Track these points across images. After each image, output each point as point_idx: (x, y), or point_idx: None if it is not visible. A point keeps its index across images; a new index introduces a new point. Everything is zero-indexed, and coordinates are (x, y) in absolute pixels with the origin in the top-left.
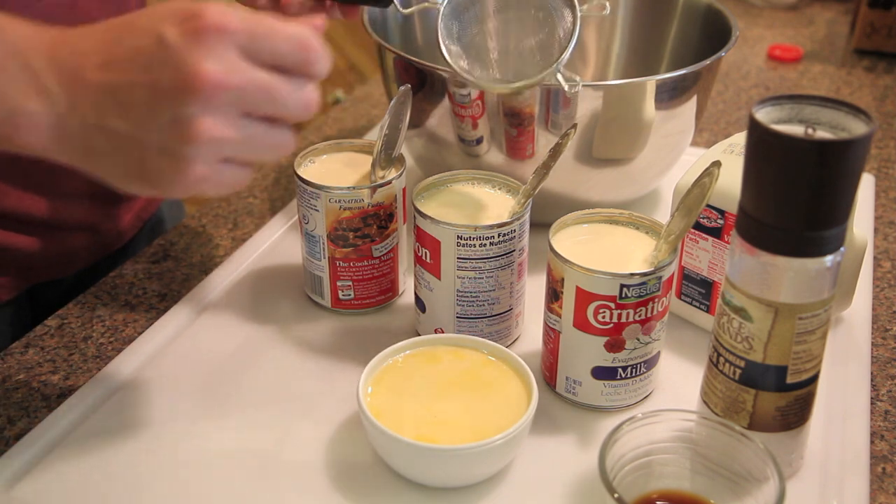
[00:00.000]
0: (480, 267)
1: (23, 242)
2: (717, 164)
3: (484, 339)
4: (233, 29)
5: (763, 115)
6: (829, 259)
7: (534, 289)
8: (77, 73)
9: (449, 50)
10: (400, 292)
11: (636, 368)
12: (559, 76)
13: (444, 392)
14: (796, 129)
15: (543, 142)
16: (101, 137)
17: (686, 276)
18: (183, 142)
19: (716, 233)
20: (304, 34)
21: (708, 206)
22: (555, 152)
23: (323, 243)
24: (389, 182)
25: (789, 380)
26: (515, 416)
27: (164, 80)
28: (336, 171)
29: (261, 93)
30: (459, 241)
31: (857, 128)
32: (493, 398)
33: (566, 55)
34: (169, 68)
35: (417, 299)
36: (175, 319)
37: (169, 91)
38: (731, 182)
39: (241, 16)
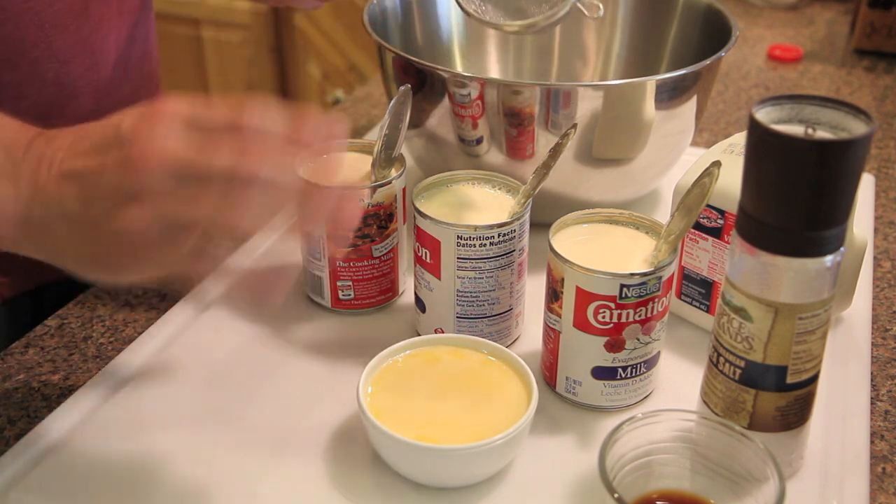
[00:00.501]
0: (480, 267)
1: None
2: (717, 164)
3: (484, 339)
4: (176, 110)
5: (763, 115)
6: (829, 259)
7: (534, 289)
8: (46, 161)
9: None
10: (400, 292)
11: (636, 368)
12: (579, 4)
13: (444, 392)
14: (796, 129)
15: (543, 142)
16: (62, 224)
17: (686, 276)
18: (123, 212)
19: (716, 233)
20: (244, 111)
21: (708, 206)
22: (555, 152)
23: (323, 243)
24: (389, 182)
25: (789, 380)
26: (515, 416)
27: (112, 157)
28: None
29: (190, 151)
30: (459, 241)
31: (857, 128)
32: (493, 398)
33: None
34: (117, 148)
35: (417, 299)
36: (175, 319)
37: (115, 165)
38: (731, 182)
39: (190, 102)
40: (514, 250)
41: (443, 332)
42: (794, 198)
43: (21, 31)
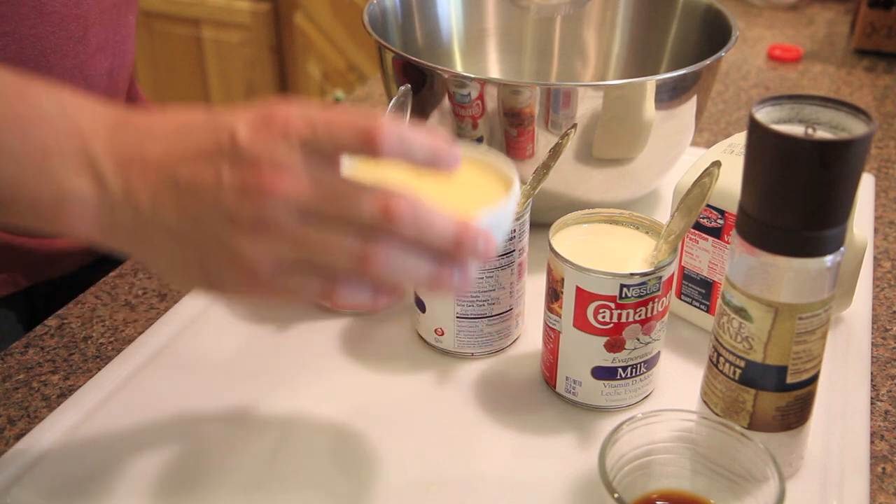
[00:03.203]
0: (480, 267)
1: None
2: (717, 164)
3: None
4: (296, 126)
5: (763, 115)
6: (829, 259)
7: (534, 289)
8: (137, 159)
9: None
10: None
11: (636, 368)
12: None
13: (422, 181)
14: (796, 129)
15: (543, 142)
16: (156, 233)
17: (686, 276)
18: (239, 240)
19: (716, 233)
20: (368, 123)
21: (708, 206)
22: (555, 152)
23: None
24: None
25: (789, 380)
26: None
27: (227, 175)
28: None
29: (320, 194)
30: None
31: (857, 128)
32: (473, 189)
33: None
34: (235, 167)
35: (417, 299)
36: (175, 320)
37: (233, 188)
38: (731, 182)
39: (305, 114)
40: (514, 250)
41: (443, 333)
42: (794, 198)
43: (23, 57)
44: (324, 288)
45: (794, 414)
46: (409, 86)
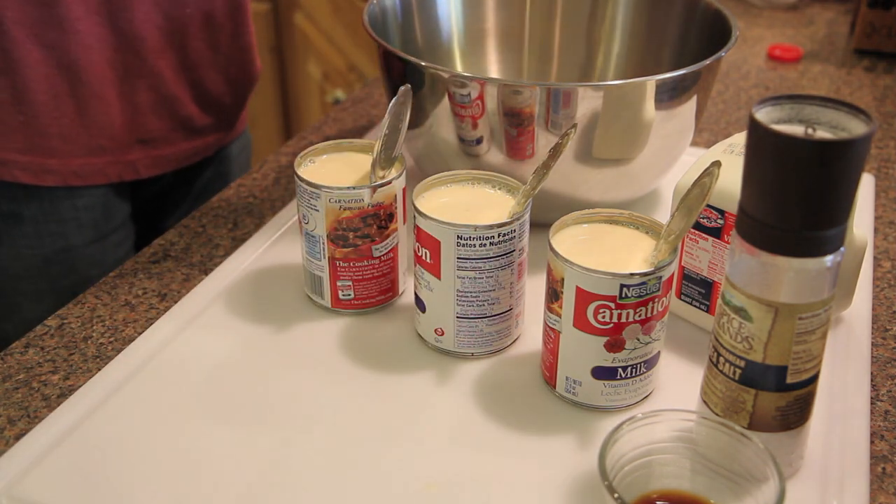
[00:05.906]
0: (480, 267)
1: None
2: (717, 164)
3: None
4: None
5: (763, 115)
6: (829, 259)
7: (534, 289)
8: None
9: None
10: (400, 292)
11: (636, 368)
12: None
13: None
14: (796, 129)
15: (543, 142)
16: None
17: (686, 276)
18: None
19: (716, 233)
20: None
21: (708, 206)
22: (555, 152)
23: (323, 243)
24: (389, 182)
25: (789, 380)
26: None
27: None
28: (336, 171)
29: None
30: (459, 241)
31: (857, 128)
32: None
33: None
34: None
35: (417, 299)
36: (175, 319)
37: None
38: (731, 182)
39: None
40: (514, 250)
41: (443, 333)
42: (794, 198)
43: None
44: None
45: (794, 414)
46: (409, 86)
